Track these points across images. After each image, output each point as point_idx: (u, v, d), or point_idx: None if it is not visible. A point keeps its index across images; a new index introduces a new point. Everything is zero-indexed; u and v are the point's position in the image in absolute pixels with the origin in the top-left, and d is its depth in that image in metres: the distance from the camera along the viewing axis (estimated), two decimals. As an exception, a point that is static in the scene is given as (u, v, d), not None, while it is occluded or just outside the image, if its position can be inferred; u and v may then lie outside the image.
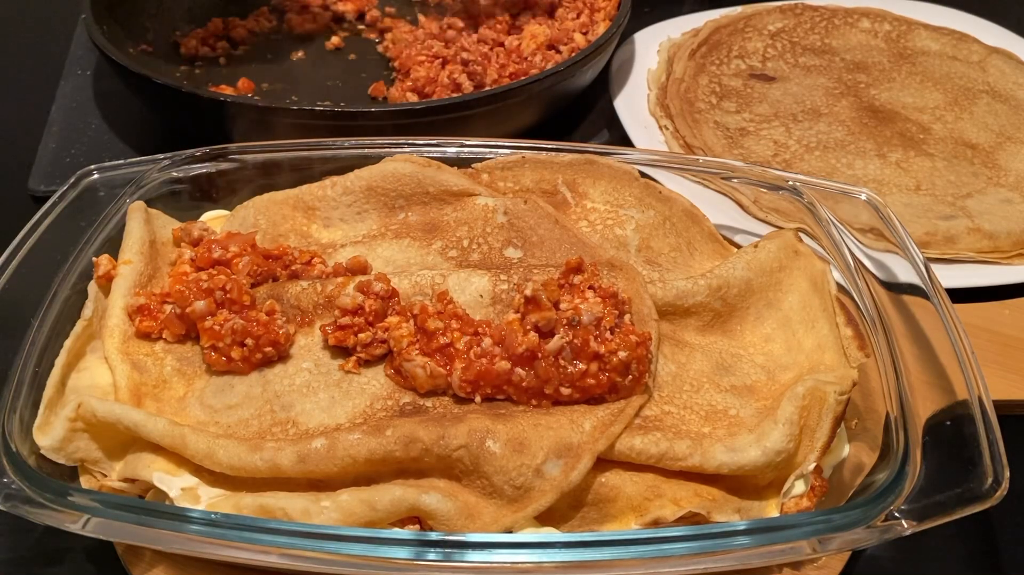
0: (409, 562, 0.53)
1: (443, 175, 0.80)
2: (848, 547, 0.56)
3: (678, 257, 0.77)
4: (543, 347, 0.62)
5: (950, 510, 0.55)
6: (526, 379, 0.62)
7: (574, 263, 0.67)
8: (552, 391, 0.62)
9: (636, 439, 0.61)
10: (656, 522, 0.59)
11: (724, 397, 0.66)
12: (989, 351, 0.79)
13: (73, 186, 0.76)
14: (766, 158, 0.98)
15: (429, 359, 0.64)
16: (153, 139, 1.03)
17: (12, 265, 0.68)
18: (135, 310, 0.69)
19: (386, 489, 0.58)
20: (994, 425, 0.58)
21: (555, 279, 0.67)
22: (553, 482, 0.59)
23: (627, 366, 0.62)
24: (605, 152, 0.83)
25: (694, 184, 0.85)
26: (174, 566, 0.61)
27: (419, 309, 0.66)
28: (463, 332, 0.64)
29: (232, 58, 1.15)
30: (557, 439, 0.60)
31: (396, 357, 0.65)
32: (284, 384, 0.65)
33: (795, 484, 0.61)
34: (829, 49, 1.16)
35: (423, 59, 1.08)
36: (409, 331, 0.65)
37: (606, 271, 0.70)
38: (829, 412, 0.62)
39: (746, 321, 0.73)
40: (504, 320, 0.65)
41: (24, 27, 1.29)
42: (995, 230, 0.88)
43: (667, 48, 1.16)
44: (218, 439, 0.61)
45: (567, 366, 0.62)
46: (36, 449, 0.61)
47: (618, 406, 0.62)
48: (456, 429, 0.59)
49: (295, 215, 0.81)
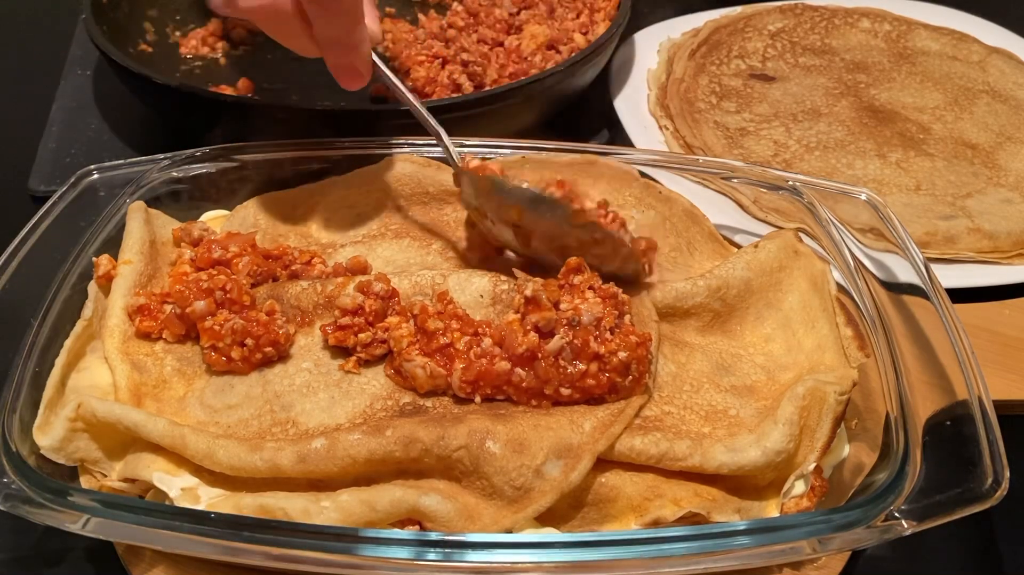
0: (409, 562, 0.53)
1: (443, 175, 0.80)
2: (848, 547, 0.56)
3: (678, 257, 0.77)
4: (543, 347, 0.62)
5: (950, 510, 0.55)
6: (526, 379, 0.62)
7: (574, 264, 0.67)
8: (552, 391, 0.62)
9: (636, 439, 0.61)
10: (656, 522, 0.59)
11: (724, 397, 0.66)
12: (989, 351, 0.79)
13: (73, 186, 0.76)
14: (766, 158, 0.98)
15: (429, 359, 0.64)
16: (153, 139, 1.03)
17: (12, 265, 0.68)
18: (135, 310, 0.69)
19: (386, 490, 0.58)
20: (994, 425, 0.58)
21: (555, 280, 0.67)
22: (553, 483, 0.59)
23: (627, 366, 0.62)
24: (605, 152, 0.83)
25: (694, 184, 0.85)
26: (174, 566, 0.61)
27: (419, 309, 0.66)
28: (463, 332, 0.64)
29: (232, 58, 1.15)
30: (557, 439, 0.60)
31: (396, 357, 0.65)
32: (284, 384, 0.65)
33: (795, 484, 0.61)
34: (829, 49, 1.16)
35: (423, 59, 1.08)
36: (409, 331, 0.65)
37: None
38: (829, 412, 0.62)
39: (746, 321, 0.73)
40: (504, 320, 0.65)
41: (24, 27, 1.29)
42: (995, 230, 0.88)
43: (667, 48, 1.16)
44: (218, 439, 0.61)
45: (567, 366, 0.62)
46: (36, 449, 0.61)
47: (618, 406, 0.62)
48: (456, 429, 0.59)
49: (295, 215, 0.81)
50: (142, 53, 1.12)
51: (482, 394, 0.63)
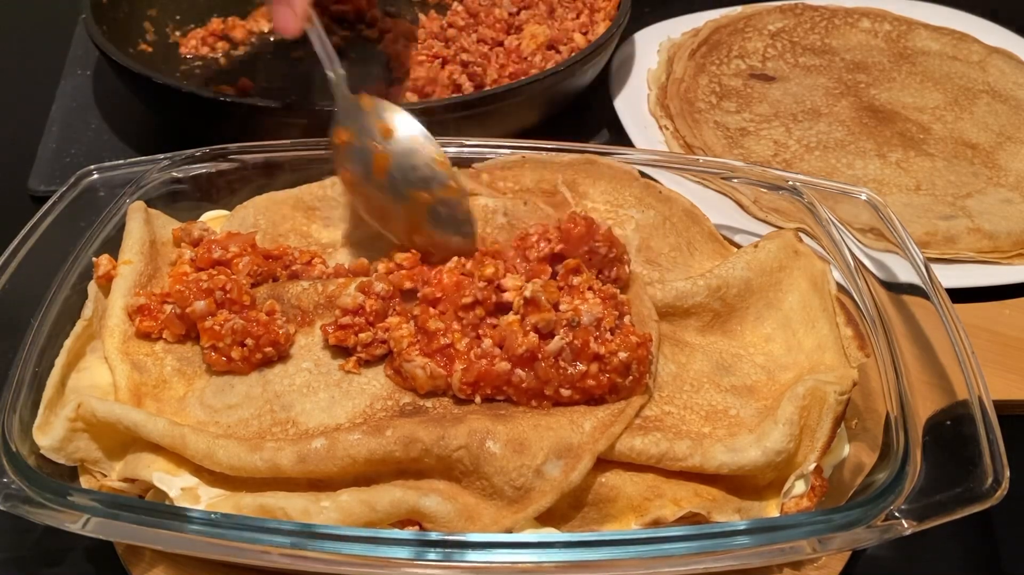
0: (409, 562, 0.53)
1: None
2: (848, 547, 0.56)
3: (678, 257, 0.77)
4: (543, 348, 0.62)
5: (950, 510, 0.55)
6: (526, 380, 0.62)
7: (572, 264, 0.67)
8: (552, 392, 0.62)
9: (636, 439, 0.61)
10: (656, 522, 0.59)
11: (724, 397, 0.66)
12: (989, 351, 0.79)
13: (73, 186, 0.76)
14: (766, 158, 0.98)
15: (429, 360, 0.64)
16: (153, 139, 1.03)
17: (12, 265, 0.68)
18: (135, 310, 0.69)
19: (386, 490, 0.58)
20: (994, 425, 0.58)
21: (554, 281, 0.67)
22: (553, 483, 0.58)
23: (627, 367, 0.62)
24: (605, 152, 0.83)
25: (694, 184, 0.85)
26: (174, 566, 0.61)
27: (420, 310, 0.65)
28: (463, 333, 0.64)
29: (232, 58, 1.15)
30: (557, 440, 0.60)
31: (396, 357, 0.65)
32: (284, 384, 0.65)
33: (795, 484, 0.61)
34: (829, 49, 1.16)
35: (423, 59, 1.08)
36: (409, 331, 0.65)
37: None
38: (829, 412, 0.62)
39: (746, 321, 0.73)
40: (504, 322, 0.65)
41: (24, 27, 1.29)
42: (995, 230, 0.88)
43: (667, 48, 1.16)
44: (218, 439, 0.61)
45: (567, 367, 0.62)
46: (36, 449, 0.61)
47: (618, 407, 0.62)
48: (456, 430, 0.59)
49: (295, 215, 0.81)
50: (142, 53, 1.12)
51: (482, 394, 0.63)
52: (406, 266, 0.70)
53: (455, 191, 0.72)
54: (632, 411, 0.62)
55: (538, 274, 0.67)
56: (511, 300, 0.65)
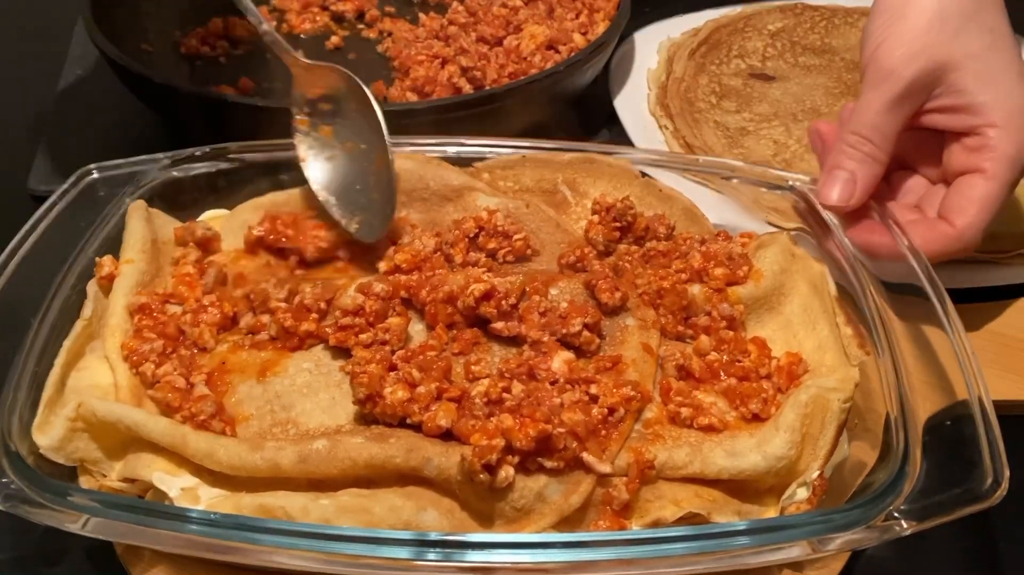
0: (409, 562, 0.53)
1: (444, 172, 0.80)
2: (848, 547, 0.56)
3: (678, 257, 0.77)
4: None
5: (950, 510, 0.55)
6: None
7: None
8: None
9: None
10: (656, 522, 0.59)
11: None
12: (989, 351, 0.79)
13: (73, 185, 0.76)
14: (766, 158, 0.98)
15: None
16: (153, 139, 1.02)
17: (12, 265, 0.68)
18: (136, 309, 0.69)
19: (384, 498, 0.58)
20: (994, 425, 0.58)
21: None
22: (554, 506, 0.58)
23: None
24: (605, 152, 0.83)
25: (694, 184, 0.85)
26: (174, 566, 0.61)
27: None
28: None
29: (232, 58, 1.15)
30: (559, 463, 0.59)
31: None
32: (285, 384, 0.65)
33: (797, 491, 0.61)
34: (829, 49, 1.16)
35: (423, 59, 1.08)
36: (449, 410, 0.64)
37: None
38: (833, 420, 0.62)
39: (746, 324, 0.73)
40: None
41: (24, 27, 1.29)
42: (996, 230, 0.88)
43: (667, 48, 1.16)
44: (219, 439, 0.61)
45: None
46: (36, 449, 0.61)
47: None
48: (459, 446, 0.58)
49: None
50: (142, 53, 1.12)
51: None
52: (405, 268, 0.70)
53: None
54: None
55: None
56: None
